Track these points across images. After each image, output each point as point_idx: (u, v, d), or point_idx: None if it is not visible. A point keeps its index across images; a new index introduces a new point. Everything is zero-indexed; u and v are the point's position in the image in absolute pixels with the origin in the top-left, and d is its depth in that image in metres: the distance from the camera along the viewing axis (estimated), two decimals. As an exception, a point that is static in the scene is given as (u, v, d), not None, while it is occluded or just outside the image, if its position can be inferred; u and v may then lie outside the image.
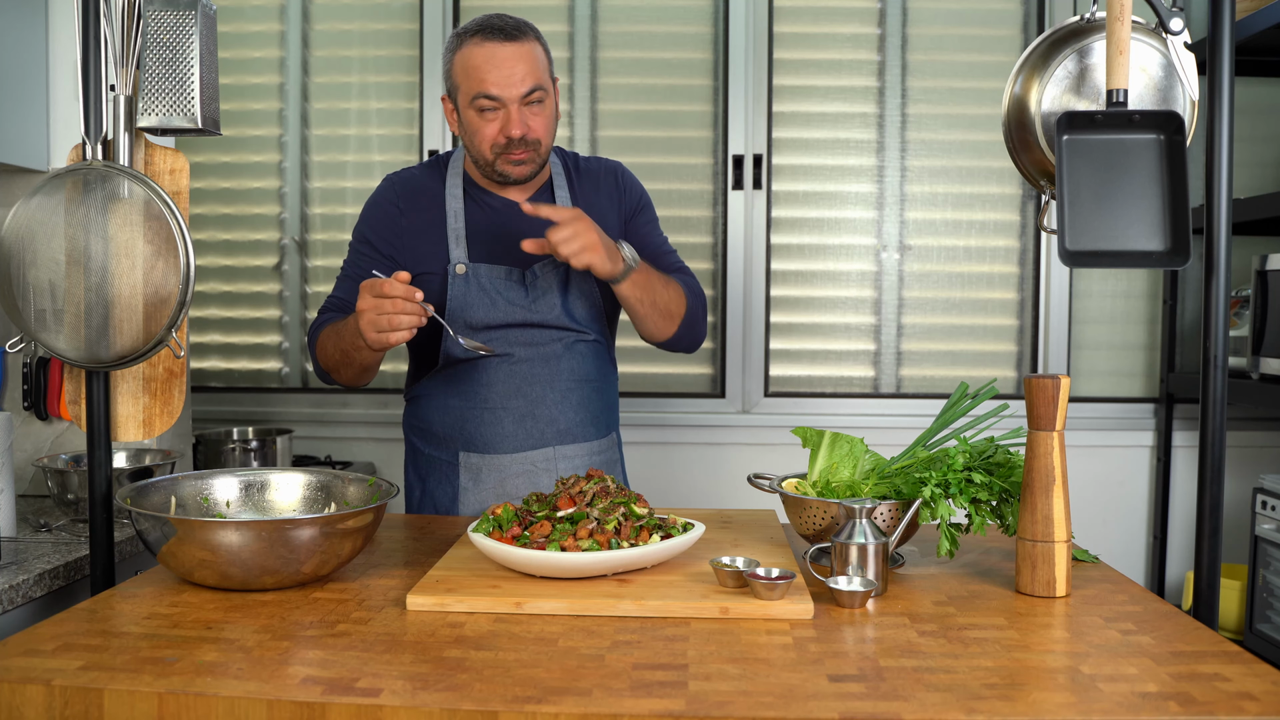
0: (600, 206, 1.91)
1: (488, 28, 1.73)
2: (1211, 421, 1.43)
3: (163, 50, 1.54)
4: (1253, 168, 2.95)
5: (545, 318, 1.83)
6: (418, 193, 1.88)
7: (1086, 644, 1.17)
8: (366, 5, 3.09)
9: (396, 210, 1.87)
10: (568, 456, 1.87)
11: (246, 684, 1.04)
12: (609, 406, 1.97)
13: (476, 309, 1.81)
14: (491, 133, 1.76)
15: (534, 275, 1.83)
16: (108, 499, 1.56)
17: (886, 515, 1.44)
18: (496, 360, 1.83)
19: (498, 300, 1.81)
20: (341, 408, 3.11)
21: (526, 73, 1.73)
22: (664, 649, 1.15)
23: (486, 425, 1.84)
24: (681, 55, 3.06)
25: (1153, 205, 1.46)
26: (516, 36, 1.73)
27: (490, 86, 1.72)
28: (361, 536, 1.39)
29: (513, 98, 1.73)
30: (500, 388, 1.84)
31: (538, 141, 1.78)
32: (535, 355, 1.84)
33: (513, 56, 1.72)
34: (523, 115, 1.74)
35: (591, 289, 1.88)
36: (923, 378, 3.08)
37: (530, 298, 1.82)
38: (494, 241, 1.84)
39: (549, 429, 1.86)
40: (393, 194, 1.89)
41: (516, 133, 1.74)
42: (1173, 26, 1.47)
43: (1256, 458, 2.94)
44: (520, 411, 1.84)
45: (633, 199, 1.97)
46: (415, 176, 1.91)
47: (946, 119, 3.03)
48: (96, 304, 1.53)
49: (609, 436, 1.97)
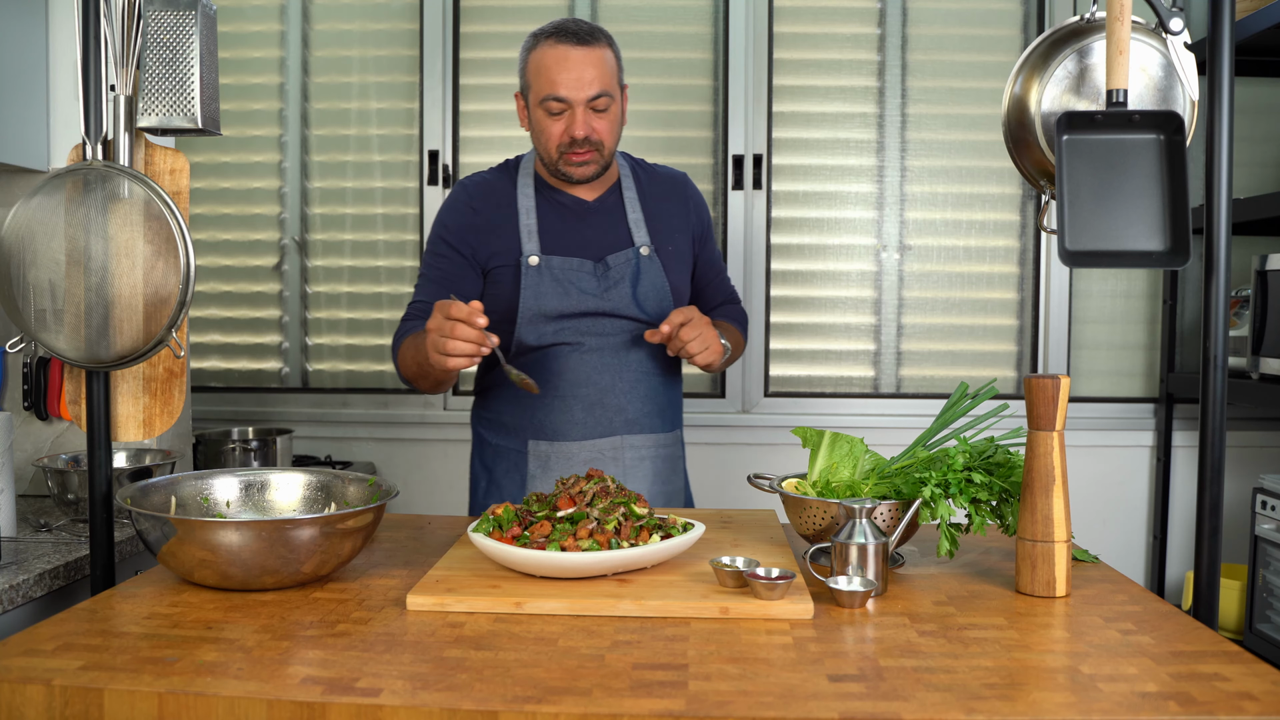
0: (669, 213, 2.00)
1: (562, 31, 1.81)
2: (1211, 421, 1.43)
3: (163, 50, 1.54)
4: (1253, 168, 2.95)
5: (616, 307, 1.89)
6: (490, 193, 1.94)
7: (1086, 644, 1.17)
8: (366, 5, 3.09)
9: (471, 210, 1.93)
10: (634, 446, 1.92)
11: (246, 684, 1.04)
12: (675, 401, 2.02)
13: (549, 298, 1.86)
14: (557, 132, 1.83)
15: (605, 267, 1.89)
16: (108, 499, 1.56)
17: (886, 515, 1.44)
18: (567, 349, 1.88)
19: (570, 289, 1.87)
20: (341, 408, 3.11)
21: (595, 77, 1.80)
22: (664, 649, 1.15)
23: (556, 413, 1.90)
24: (681, 55, 3.06)
25: (1153, 205, 1.46)
26: (589, 41, 1.80)
27: (559, 88, 1.79)
28: (361, 536, 1.39)
29: (579, 100, 1.80)
30: (570, 376, 1.89)
31: (601, 143, 1.84)
32: (605, 345, 1.90)
33: (583, 60, 1.79)
34: (587, 117, 1.81)
35: (661, 283, 1.93)
36: (923, 378, 3.08)
37: (602, 288, 1.88)
38: (565, 235, 1.90)
39: (617, 418, 1.91)
40: (465, 196, 1.95)
41: (580, 133, 1.81)
42: (1173, 26, 1.47)
43: (1256, 458, 2.94)
44: (589, 400, 1.89)
45: (702, 219, 2.08)
46: (487, 179, 1.98)
47: (946, 119, 3.04)
48: (96, 304, 1.53)
49: (674, 432, 2.01)
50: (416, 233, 3.10)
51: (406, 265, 3.12)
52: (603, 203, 1.95)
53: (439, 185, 3.06)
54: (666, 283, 1.94)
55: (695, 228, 2.05)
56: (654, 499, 1.95)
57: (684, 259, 2.00)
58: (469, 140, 3.08)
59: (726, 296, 2.13)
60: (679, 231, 1.99)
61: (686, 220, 2.02)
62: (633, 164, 2.03)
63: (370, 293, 3.13)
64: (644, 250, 1.92)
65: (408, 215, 3.11)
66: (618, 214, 1.95)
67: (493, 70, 3.07)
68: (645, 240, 1.93)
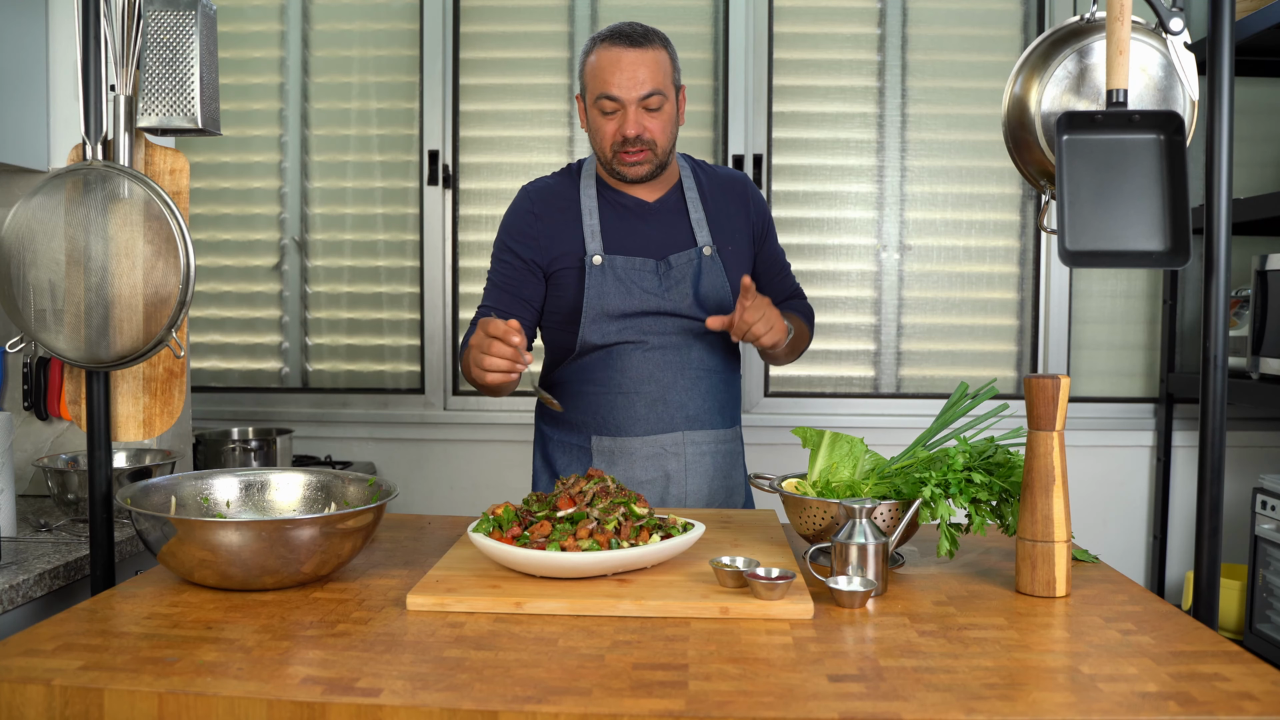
0: (731, 213, 2.03)
1: (617, 34, 1.86)
2: (1211, 421, 1.43)
3: (163, 50, 1.54)
4: (1253, 168, 2.95)
5: (678, 306, 1.92)
6: (553, 197, 1.98)
7: (1086, 644, 1.17)
8: (366, 5, 3.09)
9: (533, 216, 1.96)
10: (696, 442, 1.95)
11: (246, 684, 1.04)
12: (734, 399, 2.05)
13: (612, 297, 1.89)
14: (610, 131, 1.87)
15: (668, 266, 1.92)
16: (108, 499, 1.56)
17: (886, 515, 1.44)
18: (630, 347, 1.92)
19: (633, 289, 1.90)
20: (341, 408, 3.11)
21: (647, 77, 1.84)
22: (664, 649, 1.15)
23: (620, 409, 1.93)
24: (682, 55, 3.03)
25: (1153, 205, 1.45)
26: (642, 43, 1.85)
27: (611, 88, 1.84)
28: (361, 536, 1.39)
29: (631, 99, 1.84)
30: (634, 373, 1.92)
31: (654, 142, 1.87)
32: (667, 343, 1.93)
33: (636, 61, 1.83)
34: (639, 116, 1.85)
35: (722, 283, 1.96)
36: (923, 378, 3.08)
37: (664, 286, 1.91)
38: (627, 235, 1.94)
39: (679, 414, 1.93)
40: (528, 202, 1.98)
41: (631, 132, 1.85)
42: (1173, 26, 1.47)
43: (1256, 458, 2.94)
44: (652, 396, 1.92)
45: (762, 216, 2.09)
46: (549, 185, 2.01)
47: (946, 119, 3.04)
48: (96, 304, 1.53)
49: (734, 428, 2.04)
50: (416, 233, 3.10)
51: (406, 265, 3.12)
52: (664, 203, 1.98)
53: (439, 185, 3.06)
54: (727, 282, 1.96)
55: (756, 226, 2.07)
56: (714, 494, 1.97)
57: (744, 259, 2.03)
58: (469, 140, 3.08)
59: (791, 292, 2.15)
60: (740, 232, 2.02)
61: (747, 220, 2.05)
62: (693, 165, 2.06)
63: (370, 293, 3.13)
64: (706, 250, 1.95)
65: (408, 215, 3.11)
66: (679, 214, 1.98)
67: (493, 70, 3.07)
68: (707, 240, 1.96)
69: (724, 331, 1.96)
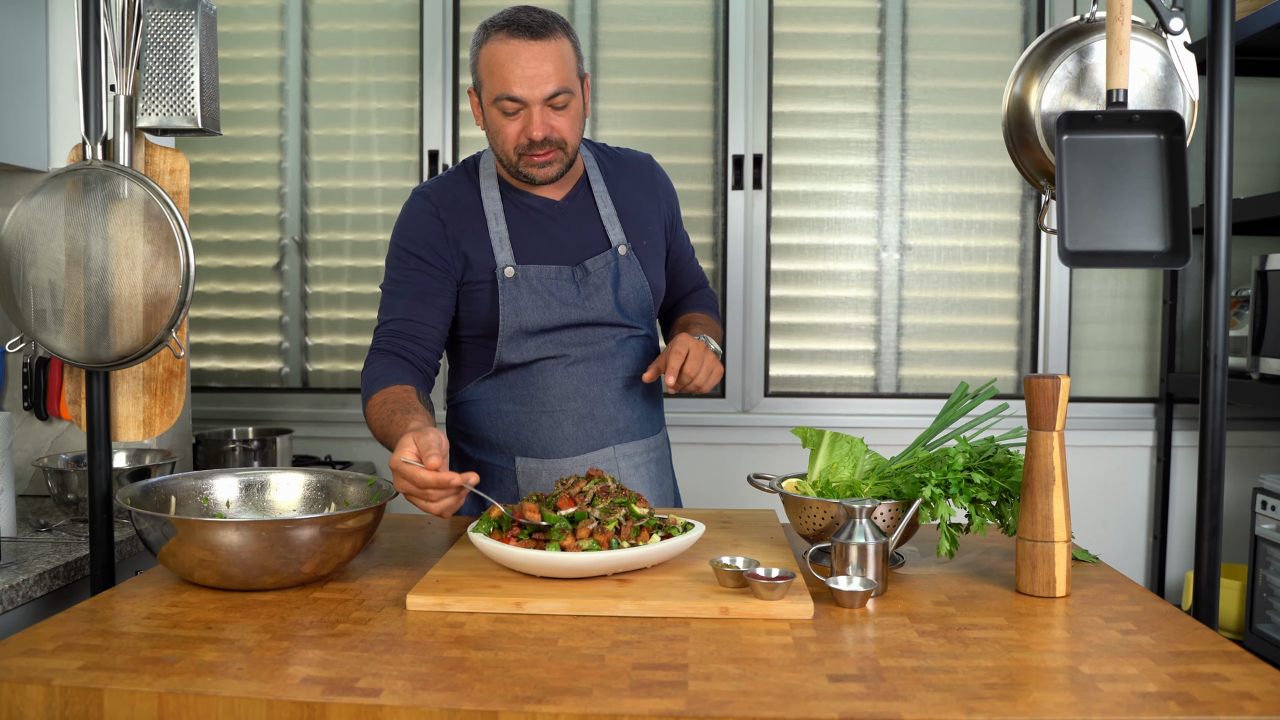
0: (641, 202, 1.91)
1: (514, 24, 1.67)
2: (1211, 421, 1.43)
3: (163, 50, 1.54)
4: (1253, 168, 2.95)
5: (599, 315, 1.81)
6: (455, 200, 1.82)
7: (1086, 644, 1.17)
8: (366, 5, 3.09)
9: (438, 221, 1.79)
10: (627, 455, 1.86)
11: (246, 684, 1.04)
12: (658, 403, 1.96)
13: (529, 313, 1.77)
14: (514, 133, 1.71)
15: (584, 272, 1.80)
16: (108, 499, 1.56)
17: (886, 515, 1.44)
18: (552, 362, 1.80)
19: (550, 301, 1.77)
20: (341, 408, 3.11)
21: (551, 73, 1.67)
22: (664, 649, 1.15)
23: (545, 430, 1.81)
24: (681, 55, 3.06)
25: (1153, 205, 1.46)
26: (543, 34, 1.67)
27: (513, 87, 1.67)
28: (361, 536, 1.39)
29: (535, 99, 1.67)
30: (557, 390, 1.80)
31: (563, 141, 1.73)
32: (590, 354, 1.82)
33: (539, 56, 1.66)
34: (545, 117, 1.69)
35: (641, 284, 1.86)
36: (923, 378, 3.08)
37: (582, 295, 1.79)
38: (538, 240, 1.80)
39: (608, 428, 1.83)
40: (430, 205, 1.81)
41: (538, 135, 1.69)
42: (1173, 26, 1.47)
43: (1256, 458, 2.94)
44: (579, 413, 1.81)
45: (671, 203, 1.98)
46: (447, 185, 1.84)
47: (946, 119, 3.03)
48: (96, 304, 1.53)
49: (661, 432, 1.96)
50: (416, 233, 3.10)
51: (406, 265, 3.12)
52: (572, 200, 1.84)
53: (439, 185, 3.06)
54: (646, 282, 1.86)
55: (666, 215, 1.95)
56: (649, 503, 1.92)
57: (659, 252, 1.92)
58: (469, 140, 3.08)
59: (696, 282, 2.06)
60: (652, 222, 1.90)
61: (658, 209, 1.93)
62: (596, 152, 1.92)
63: (370, 293, 3.13)
64: (621, 250, 1.83)
65: (408, 215, 3.11)
66: (589, 211, 1.85)
67: (493, 70, 3.07)
68: (621, 238, 1.84)
69: (648, 333, 1.90)
